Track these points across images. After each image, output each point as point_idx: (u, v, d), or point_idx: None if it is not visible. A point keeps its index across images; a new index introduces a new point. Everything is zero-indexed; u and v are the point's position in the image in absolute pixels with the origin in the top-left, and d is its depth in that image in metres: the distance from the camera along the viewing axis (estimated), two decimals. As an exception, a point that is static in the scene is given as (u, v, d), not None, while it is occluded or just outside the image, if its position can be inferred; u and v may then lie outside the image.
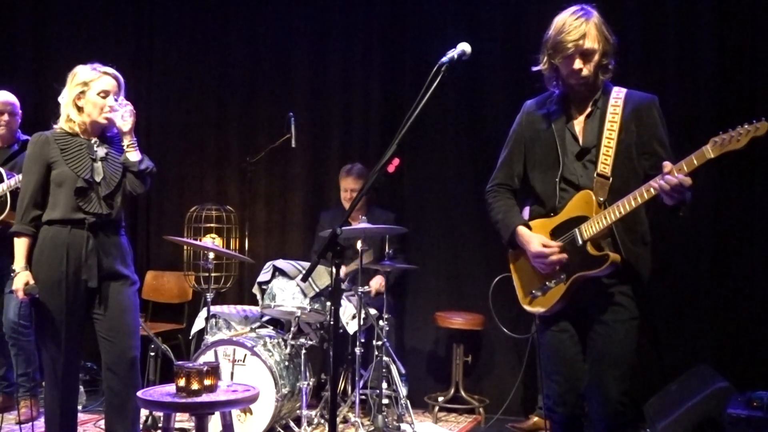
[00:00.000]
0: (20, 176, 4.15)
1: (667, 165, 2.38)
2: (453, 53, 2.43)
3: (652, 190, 2.41)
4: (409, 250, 5.21)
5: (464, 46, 2.44)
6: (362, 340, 4.22)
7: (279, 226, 5.64)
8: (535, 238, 2.64)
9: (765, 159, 4.33)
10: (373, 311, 4.45)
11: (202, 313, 4.50)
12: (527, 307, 2.74)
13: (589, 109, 2.66)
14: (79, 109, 3.26)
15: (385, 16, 5.40)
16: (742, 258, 4.47)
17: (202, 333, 4.45)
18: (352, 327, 4.42)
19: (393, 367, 4.31)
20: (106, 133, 3.35)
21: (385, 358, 4.28)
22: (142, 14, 5.95)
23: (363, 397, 4.35)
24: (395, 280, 4.95)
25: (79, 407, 4.66)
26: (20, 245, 3.20)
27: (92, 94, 3.24)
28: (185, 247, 5.22)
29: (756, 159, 4.34)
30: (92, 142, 3.28)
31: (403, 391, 4.32)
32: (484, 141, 5.07)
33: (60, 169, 3.20)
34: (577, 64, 2.57)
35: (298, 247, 5.45)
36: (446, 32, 5.12)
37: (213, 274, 4.48)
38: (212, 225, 5.22)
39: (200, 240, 4.97)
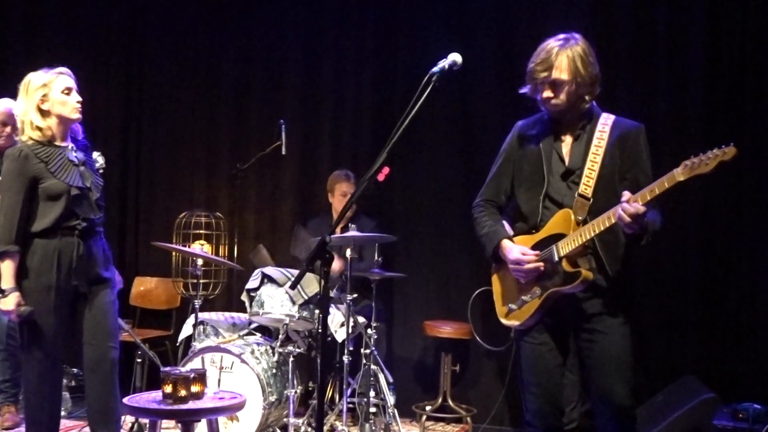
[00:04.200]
0: None
1: (626, 194, 2.43)
2: (444, 63, 2.45)
3: (612, 218, 2.46)
4: (399, 258, 5.21)
5: (455, 57, 2.46)
6: (350, 348, 4.22)
7: (268, 233, 5.63)
8: (516, 247, 2.69)
9: (751, 171, 4.37)
10: (361, 319, 4.45)
11: (190, 320, 4.49)
12: (503, 320, 2.79)
13: (577, 132, 2.72)
14: (43, 114, 3.23)
15: (377, 26, 5.42)
16: (729, 269, 4.49)
17: (189, 340, 4.43)
18: (340, 335, 4.42)
19: (381, 376, 4.30)
20: (75, 137, 3.35)
21: (373, 367, 4.27)
22: (134, 21, 5.94)
23: (351, 405, 4.34)
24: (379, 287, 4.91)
25: (64, 413, 4.66)
26: (8, 266, 3.13)
27: (56, 93, 3.24)
28: (174, 254, 5.20)
29: (743, 172, 4.38)
30: (69, 148, 3.28)
31: (390, 399, 4.32)
32: (474, 151, 5.08)
33: (49, 183, 3.16)
34: (546, 93, 2.65)
35: (287, 255, 5.44)
36: (438, 42, 5.13)
37: (201, 281, 4.46)
38: (201, 231, 5.20)
39: (189, 246, 4.95)
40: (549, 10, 4.90)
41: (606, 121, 2.70)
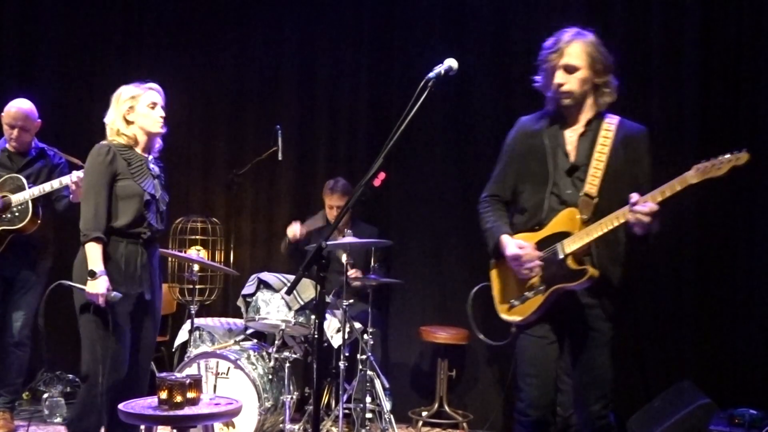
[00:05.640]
0: (43, 186, 4.10)
1: (633, 196, 2.49)
2: (440, 68, 2.46)
3: (623, 218, 2.52)
4: (395, 264, 5.21)
5: (451, 62, 2.47)
6: (346, 354, 4.21)
7: (264, 238, 5.63)
8: (513, 242, 2.71)
9: (747, 179, 4.37)
10: (357, 325, 4.44)
11: (186, 326, 4.48)
12: (504, 315, 2.82)
13: (582, 129, 2.74)
14: (128, 123, 3.33)
15: (373, 31, 5.43)
16: (725, 275, 4.50)
17: (185, 345, 4.42)
18: (336, 341, 4.41)
19: (377, 382, 4.30)
20: (152, 152, 3.44)
21: (369, 372, 4.27)
22: (131, 25, 5.94)
23: (347, 411, 4.33)
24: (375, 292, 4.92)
25: (59, 419, 4.64)
26: (98, 250, 3.18)
27: (141, 107, 3.35)
28: (170, 259, 5.19)
29: (738, 179, 4.36)
30: (149, 158, 3.37)
31: (386, 405, 4.31)
32: (470, 156, 5.09)
33: (126, 183, 3.25)
34: (558, 78, 2.69)
35: (283, 260, 5.44)
36: (433, 47, 5.14)
37: (197, 287, 4.46)
38: (197, 237, 5.20)
39: (185, 252, 4.95)
40: (544, 15, 4.91)
41: (611, 120, 2.74)
